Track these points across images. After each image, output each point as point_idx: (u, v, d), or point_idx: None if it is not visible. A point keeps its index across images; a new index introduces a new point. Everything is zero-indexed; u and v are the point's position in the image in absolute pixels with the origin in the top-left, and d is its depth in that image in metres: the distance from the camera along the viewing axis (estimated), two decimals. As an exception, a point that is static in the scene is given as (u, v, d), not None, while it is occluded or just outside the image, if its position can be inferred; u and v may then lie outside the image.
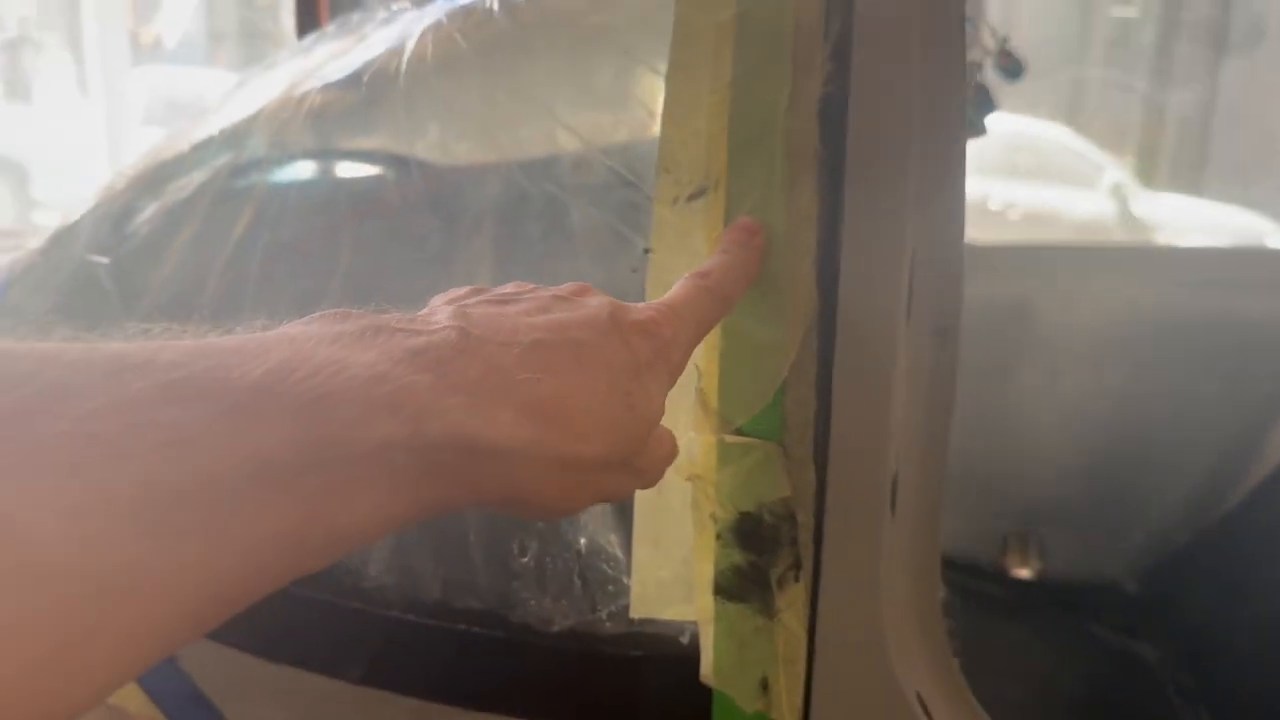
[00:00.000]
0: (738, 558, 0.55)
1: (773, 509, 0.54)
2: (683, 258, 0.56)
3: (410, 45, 0.72)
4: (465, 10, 0.73)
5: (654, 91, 0.59)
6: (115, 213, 0.86)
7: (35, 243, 0.98)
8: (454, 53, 0.68)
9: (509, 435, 0.35)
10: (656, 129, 0.58)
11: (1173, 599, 1.60)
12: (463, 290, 0.43)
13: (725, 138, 0.56)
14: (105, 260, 0.78)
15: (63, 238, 0.91)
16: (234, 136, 0.86)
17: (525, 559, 0.58)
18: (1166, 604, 1.61)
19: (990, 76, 1.08)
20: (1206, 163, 6.47)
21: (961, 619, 1.75)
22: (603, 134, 0.60)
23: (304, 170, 0.79)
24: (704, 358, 0.55)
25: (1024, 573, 1.70)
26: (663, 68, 0.59)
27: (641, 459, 0.43)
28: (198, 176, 0.82)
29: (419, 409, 0.32)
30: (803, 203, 0.54)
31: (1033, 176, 5.71)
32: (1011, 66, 1.06)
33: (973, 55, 1.05)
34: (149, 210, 0.84)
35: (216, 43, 12.81)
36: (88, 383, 0.26)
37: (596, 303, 0.43)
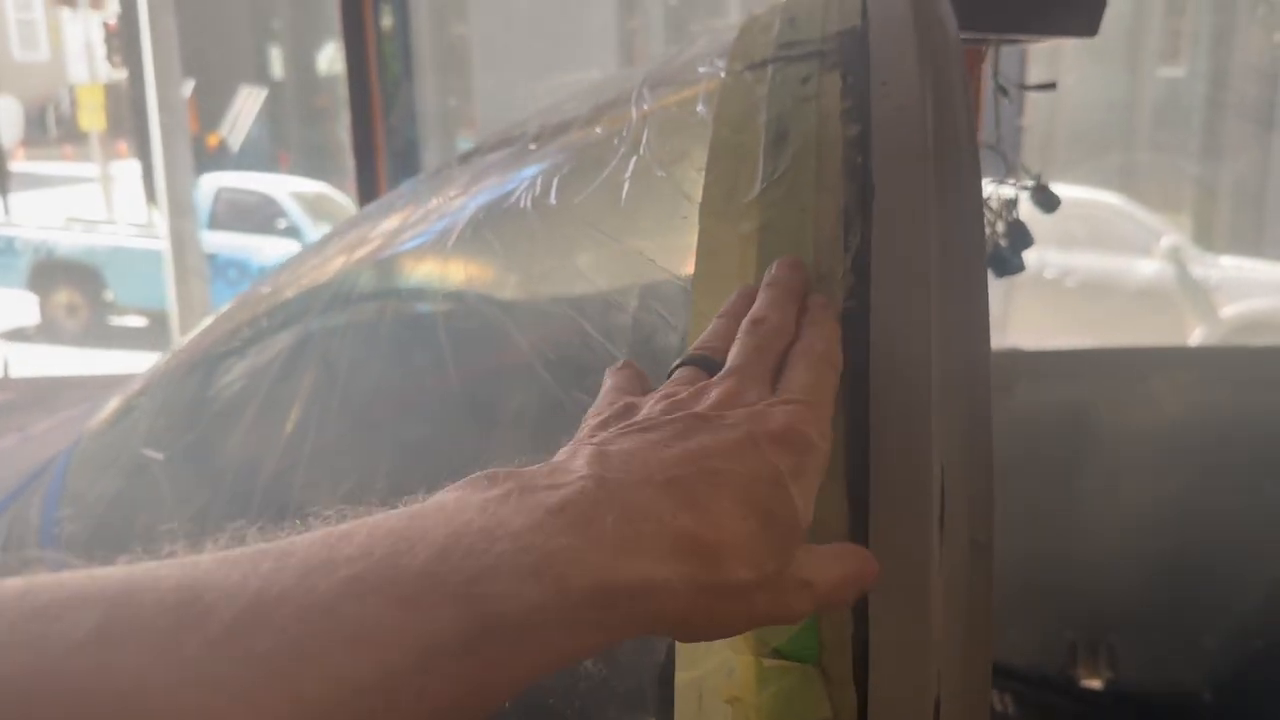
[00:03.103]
0: (781, 779, 0.54)
1: (814, 730, 0.53)
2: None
3: (453, 237, 0.74)
4: (500, 205, 0.75)
5: (678, 297, 0.60)
6: (171, 403, 0.89)
7: (94, 421, 1.00)
8: (486, 247, 0.70)
9: (649, 577, 0.37)
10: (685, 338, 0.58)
11: (1251, 709, 1.54)
12: (607, 411, 0.46)
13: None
14: (160, 457, 0.80)
15: (122, 419, 0.94)
16: (288, 311, 0.89)
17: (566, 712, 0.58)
18: (1244, 714, 1.55)
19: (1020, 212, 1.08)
20: (1265, 222, 6.37)
21: (1031, 733, 1.70)
22: (634, 338, 0.62)
23: (349, 354, 0.82)
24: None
25: (1094, 683, 1.66)
26: (683, 274, 0.60)
27: (797, 571, 0.43)
28: (245, 365, 0.84)
29: (562, 572, 0.35)
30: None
31: (1088, 244, 5.66)
32: (1047, 200, 1.06)
33: (1008, 191, 1.06)
34: (204, 398, 0.87)
35: (280, 147, 13.26)
36: (282, 590, 0.30)
37: (735, 419, 0.44)
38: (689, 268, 0.60)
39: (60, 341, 8.54)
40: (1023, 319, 5.36)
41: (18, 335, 8.85)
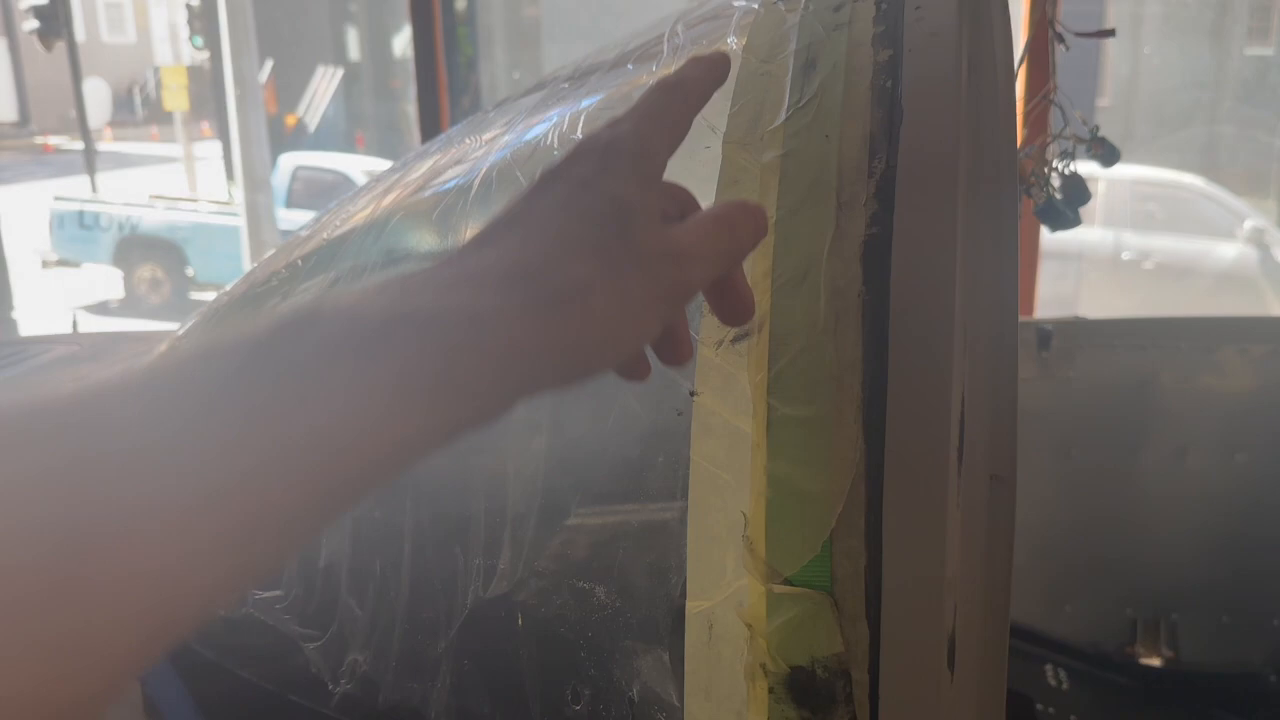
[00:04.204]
0: (791, 713, 0.53)
1: (825, 664, 0.52)
2: (727, 400, 0.55)
3: (477, 181, 0.74)
4: (530, 146, 0.74)
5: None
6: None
7: (140, 363, 1.02)
8: (513, 187, 0.69)
9: (471, 307, 0.35)
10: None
11: (1321, 692, 1.49)
12: None
13: (769, 280, 0.55)
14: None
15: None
16: (320, 254, 0.90)
17: (578, 706, 0.57)
18: (1314, 698, 1.50)
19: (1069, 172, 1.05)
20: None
21: (1088, 710, 1.66)
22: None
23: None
24: (750, 505, 0.54)
25: (1154, 661, 1.61)
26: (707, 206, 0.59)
27: (667, 244, 0.40)
28: (285, 307, 0.85)
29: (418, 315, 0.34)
30: (847, 347, 0.52)
31: (1167, 226, 5.49)
32: (1105, 154, 1.02)
33: (1064, 145, 1.02)
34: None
35: (356, 126, 13.45)
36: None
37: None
38: (710, 199, 0.59)
39: (142, 315, 8.77)
40: (1095, 300, 5.22)
41: (102, 308, 9.11)
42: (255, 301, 0.91)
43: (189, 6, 11.80)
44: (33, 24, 9.97)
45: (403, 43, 13.05)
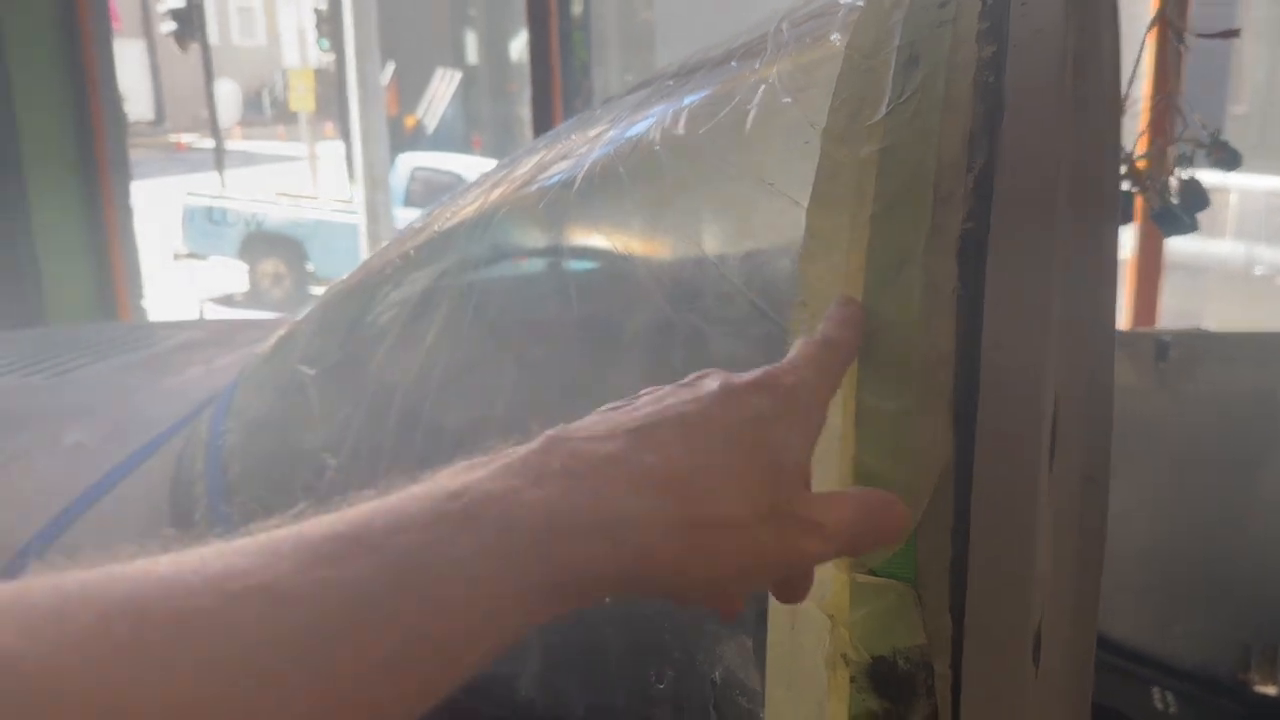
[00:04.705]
0: (872, 703, 0.53)
1: (907, 655, 0.52)
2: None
3: (580, 176, 0.75)
4: (632, 142, 0.76)
5: (796, 225, 0.59)
6: (328, 323, 0.94)
7: (262, 345, 1.07)
8: (614, 183, 0.71)
9: (615, 508, 0.36)
10: (797, 262, 0.58)
11: None
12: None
13: (862, 273, 0.55)
14: (312, 372, 0.85)
15: (285, 343, 0.99)
16: (432, 246, 0.93)
17: (661, 685, 0.58)
18: None
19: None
20: None
21: (1194, 739, 1.60)
22: (746, 265, 0.62)
23: (488, 286, 0.84)
24: (836, 495, 0.54)
25: (1269, 689, 1.54)
26: (804, 201, 0.59)
27: (805, 510, 0.42)
28: (396, 295, 0.88)
29: (501, 513, 0.34)
30: (939, 341, 0.52)
31: (1303, 240, 5.24)
32: (1226, 159, 0.99)
33: (1184, 149, 1.00)
34: (359, 320, 0.91)
35: (473, 128, 13.72)
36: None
37: (710, 379, 0.43)
38: (807, 194, 0.60)
39: (264, 308, 9.09)
40: (1223, 315, 5.02)
41: (227, 300, 9.47)
42: (369, 291, 0.95)
43: (317, 11, 12.21)
44: (169, 26, 10.44)
45: (519, 47, 13.26)
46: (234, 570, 0.30)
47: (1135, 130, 0.98)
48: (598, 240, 0.75)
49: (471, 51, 14.31)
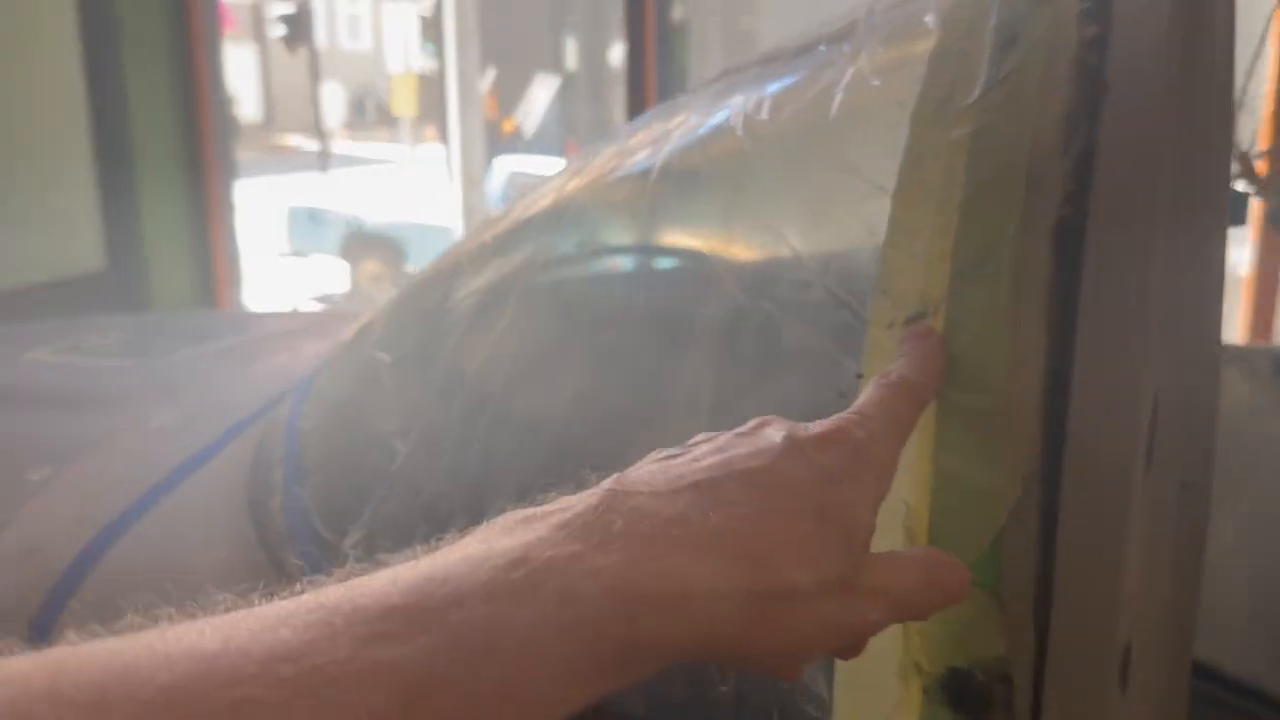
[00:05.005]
0: (945, 715, 0.50)
1: (986, 667, 0.49)
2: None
3: (658, 166, 0.74)
4: (714, 130, 0.74)
5: (880, 211, 0.57)
6: (405, 311, 0.94)
7: (344, 336, 1.08)
8: (694, 168, 0.69)
9: (682, 577, 0.34)
10: (878, 249, 0.55)
11: None
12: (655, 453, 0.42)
13: (949, 262, 0.52)
14: (388, 359, 0.85)
15: (364, 331, 1.00)
16: (509, 237, 0.92)
17: (724, 688, 0.56)
18: None
19: None
20: None
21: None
22: (824, 252, 0.59)
23: (559, 276, 0.83)
24: (913, 494, 0.51)
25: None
26: (890, 186, 0.57)
27: (869, 578, 0.40)
28: (470, 284, 0.88)
29: (564, 584, 0.32)
30: (1029, 334, 0.49)
31: None
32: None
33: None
34: (434, 308, 0.91)
35: (569, 133, 13.83)
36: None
37: (773, 430, 0.41)
38: (892, 178, 0.57)
39: (364, 307, 9.27)
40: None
41: (327, 299, 9.70)
42: (445, 279, 0.94)
43: (422, 17, 12.45)
44: (280, 30, 10.74)
45: (618, 53, 13.33)
46: (284, 650, 0.28)
47: (1254, 126, 0.92)
48: (674, 230, 0.74)
49: (571, 57, 14.43)
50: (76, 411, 1.15)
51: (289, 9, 10.52)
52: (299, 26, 10.65)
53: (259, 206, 10.92)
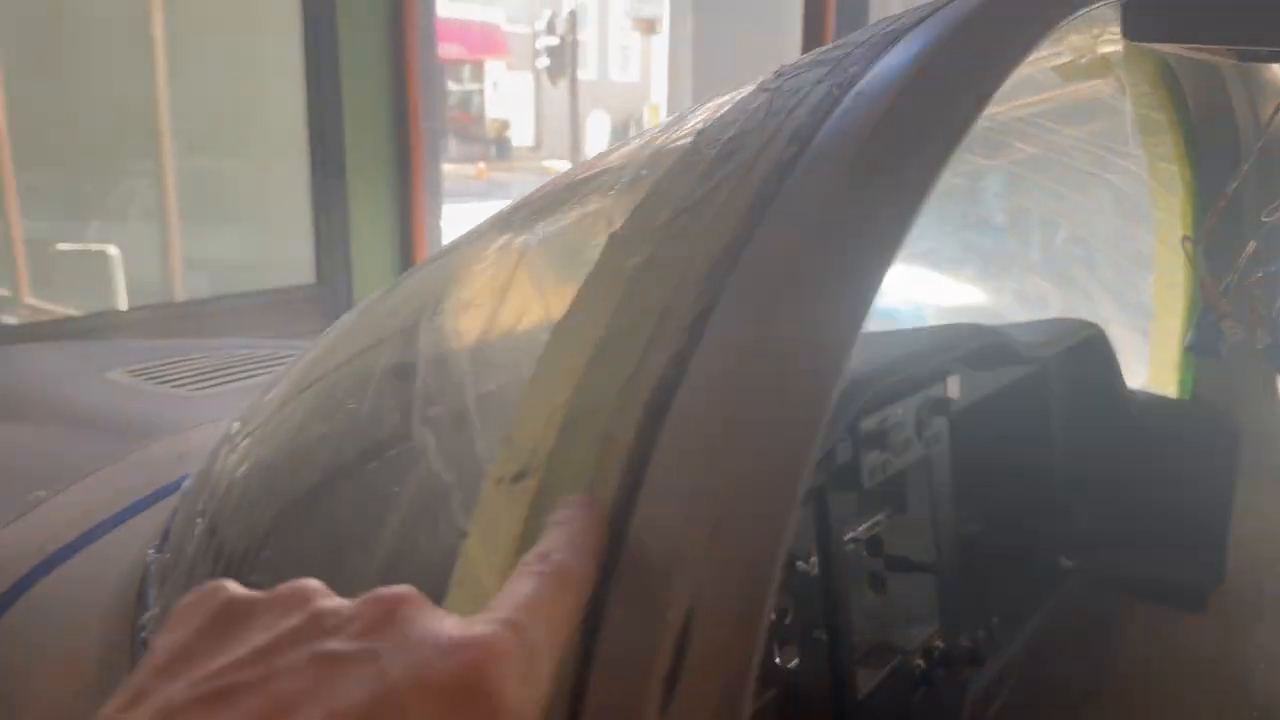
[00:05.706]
0: None
1: None
2: (490, 550, 0.46)
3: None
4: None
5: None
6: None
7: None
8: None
9: None
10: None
11: None
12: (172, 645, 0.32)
13: (563, 413, 0.45)
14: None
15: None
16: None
17: None
18: None
19: None
20: None
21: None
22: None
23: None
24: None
25: None
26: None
27: None
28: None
29: None
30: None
31: None
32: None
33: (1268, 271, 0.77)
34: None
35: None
36: None
37: (383, 653, 0.31)
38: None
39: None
40: None
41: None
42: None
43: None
44: (543, 62, 11.25)
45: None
46: None
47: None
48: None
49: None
50: (106, 435, 1.21)
51: (553, 42, 11.01)
52: (560, 58, 11.11)
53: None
